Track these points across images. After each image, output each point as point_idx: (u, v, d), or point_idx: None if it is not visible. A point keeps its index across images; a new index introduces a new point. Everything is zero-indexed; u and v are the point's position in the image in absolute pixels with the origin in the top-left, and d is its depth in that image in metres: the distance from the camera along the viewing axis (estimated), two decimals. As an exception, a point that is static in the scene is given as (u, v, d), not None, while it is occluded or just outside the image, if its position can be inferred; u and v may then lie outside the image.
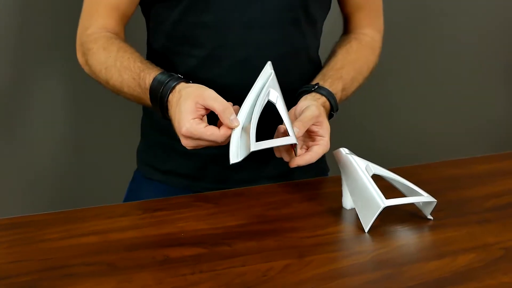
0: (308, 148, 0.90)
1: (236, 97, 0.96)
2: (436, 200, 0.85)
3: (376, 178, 0.86)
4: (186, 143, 0.83)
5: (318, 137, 0.89)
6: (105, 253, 0.75)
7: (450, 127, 1.88)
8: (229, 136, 0.81)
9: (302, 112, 0.88)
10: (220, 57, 0.97)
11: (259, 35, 0.96)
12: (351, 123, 1.73)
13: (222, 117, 0.81)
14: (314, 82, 0.98)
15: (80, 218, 0.86)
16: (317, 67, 1.05)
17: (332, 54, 1.06)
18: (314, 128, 0.88)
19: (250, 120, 0.82)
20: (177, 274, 0.71)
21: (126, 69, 0.92)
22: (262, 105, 0.84)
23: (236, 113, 0.83)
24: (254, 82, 0.92)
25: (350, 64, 1.03)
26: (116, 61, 0.93)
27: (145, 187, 1.08)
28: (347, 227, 0.85)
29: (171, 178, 1.06)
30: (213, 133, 0.80)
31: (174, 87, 0.86)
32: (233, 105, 0.85)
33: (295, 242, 0.79)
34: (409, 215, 0.87)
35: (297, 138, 0.85)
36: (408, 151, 1.77)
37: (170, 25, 0.99)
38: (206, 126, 0.81)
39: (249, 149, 0.81)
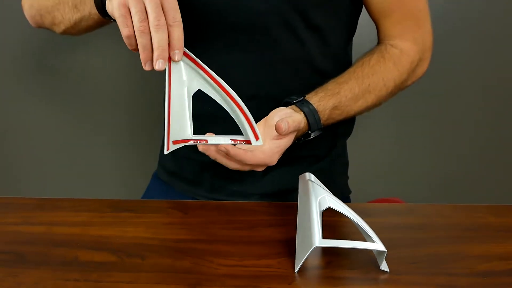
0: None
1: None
2: (386, 250, 0.69)
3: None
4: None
5: (267, 144, 0.80)
6: (28, 245, 0.78)
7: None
8: None
9: (287, 116, 0.81)
10: (208, 60, 0.92)
11: (245, 39, 0.89)
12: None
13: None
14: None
15: (52, 207, 0.90)
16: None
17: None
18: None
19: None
20: (65, 277, 0.70)
21: None
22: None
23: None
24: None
25: (357, 79, 0.89)
26: None
27: (155, 187, 1.09)
28: (285, 262, 0.74)
29: (174, 181, 1.05)
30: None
31: None
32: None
33: (207, 269, 0.72)
34: (367, 263, 0.73)
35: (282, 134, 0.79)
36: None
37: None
38: None
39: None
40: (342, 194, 1.04)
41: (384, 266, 0.71)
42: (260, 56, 0.89)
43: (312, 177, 0.79)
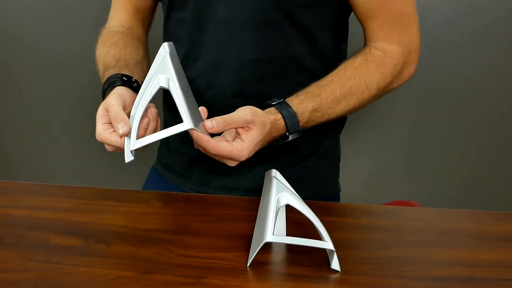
0: None
1: (211, 99, 0.93)
2: (334, 250, 0.69)
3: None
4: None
5: (238, 139, 0.80)
6: (8, 227, 0.82)
7: None
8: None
9: (236, 111, 0.81)
10: (198, 57, 0.94)
11: (232, 36, 0.90)
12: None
13: (113, 126, 0.78)
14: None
15: (43, 192, 0.94)
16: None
17: None
18: (240, 130, 0.80)
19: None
20: (29, 258, 0.74)
21: (103, 66, 0.95)
22: (148, 97, 0.77)
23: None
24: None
25: (338, 82, 0.88)
26: (105, 57, 0.97)
27: (152, 179, 1.12)
28: (242, 256, 0.75)
29: (167, 173, 1.07)
30: (114, 140, 0.78)
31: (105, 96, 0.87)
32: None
33: (165, 258, 0.74)
34: (322, 261, 0.73)
35: (214, 132, 0.78)
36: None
37: (164, 22, 1.00)
38: (112, 132, 0.79)
39: (134, 147, 0.77)
40: (328, 192, 1.03)
41: (335, 265, 0.71)
42: (245, 53, 0.90)
43: (277, 174, 0.80)
